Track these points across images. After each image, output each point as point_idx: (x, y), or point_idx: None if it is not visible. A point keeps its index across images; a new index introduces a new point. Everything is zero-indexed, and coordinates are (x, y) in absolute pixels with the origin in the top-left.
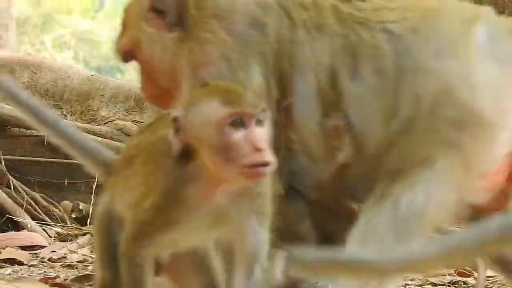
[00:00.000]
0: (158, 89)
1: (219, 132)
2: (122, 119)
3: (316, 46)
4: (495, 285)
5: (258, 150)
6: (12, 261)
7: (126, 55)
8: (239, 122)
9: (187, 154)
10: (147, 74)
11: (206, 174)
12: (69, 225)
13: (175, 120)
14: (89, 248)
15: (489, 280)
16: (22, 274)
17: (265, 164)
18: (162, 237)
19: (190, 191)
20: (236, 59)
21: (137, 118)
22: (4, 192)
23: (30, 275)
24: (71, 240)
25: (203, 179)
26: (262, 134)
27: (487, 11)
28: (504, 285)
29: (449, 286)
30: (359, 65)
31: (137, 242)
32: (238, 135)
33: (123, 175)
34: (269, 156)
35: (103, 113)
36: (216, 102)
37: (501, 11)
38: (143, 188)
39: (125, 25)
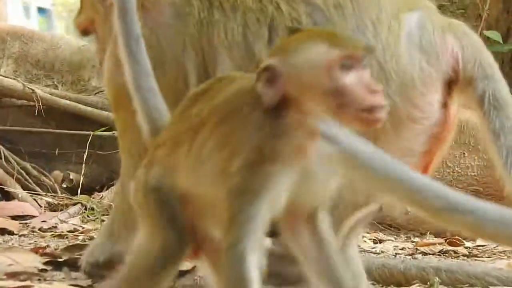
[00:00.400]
0: None
1: (331, 75)
2: None
3: (230, 25)
4: (486, 254)
5: (374, 92)
6: (2, 231)
7: (84, 32)
8: (349, 64)
9: (278, 106)
10: (102, 50)
11: (303, 125)
12: (60, 195)
13: (267, 69)
14: (79, 218)
15: (479, 249)
16: (12, 244)
17: (382, 108)
18: (258, 205)
19: (285, 145)
20: (153, 54)
21: None
22: None
23: (20, 245)
24: (61, 210)
25: (300, 131)
26: (370, 76)
27: (431, 6)
28: (494, 254)
29: (439, 255)
30: (275, 35)
31: (236, 220)
32: (351, 77)
33: (185, 148)
34: (384, 99)
35: (94, 83)
36: (324, 45)
37: None
38: (225, 152)
39: (82, 3)
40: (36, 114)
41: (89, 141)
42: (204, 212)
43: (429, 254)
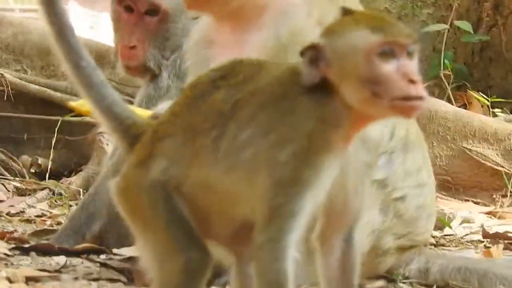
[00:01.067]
0: None
1: (369, 62)
2: None
3: None
4: (453, 243)
5: (412, 82)
6: None
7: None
8: (390, 52)
9: (325, 89)
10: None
11: (346, 111)
12: (28, 179)
13: (313, 48)
14: (47, 202)
15: (447, 238)
16: None
17: (419, 98)
18: (305, 199)
19: (331, 131)
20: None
21: None
22: None
23: None
24: (29, 194)
25: (343, 117)
26: (414, 66)
27: None
28: (461, 243)
29: None
30: None
31: (281, 213)
32: (389, 66)
33: (212, 136)
34: (423, 90)
35: (64, 68)
36: (366, 30)
37: None
38: (271, 138)
39: None
40: (5, 98)
41: (58, 127)
42: (219, 206)
43: None
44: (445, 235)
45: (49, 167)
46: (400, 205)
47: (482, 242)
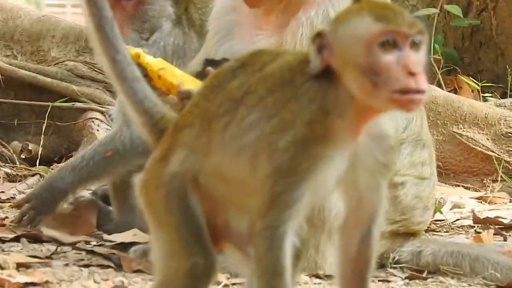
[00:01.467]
0: None
1: (369, 51)
2: (73, 60)
3: None
4: (444, 229)
5: (412, 75)
6: None
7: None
8: (392, 42)
9: (327, 77)
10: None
11: (351, 102)
12: (18, 165)
13: (319, 35)
14: None
15: (437, 223)
16: None
17: (419, 91)
18: (304, 188)
19: (334, 121)
20: None
21: (88, 59)
22: None
23: None
24: (20, 180)
25: (347, 108)
26: (417, 58)
27: None
28: (452, 229)
29: None
30: None
31: (279, 201)
32: (390, 56)
33: (224, 121)
34: (423, 83)
35: (54, 53)
36: (369, 18)
37: None
38: (273, 124)
39: None
40: None
41: (48, 112)
42: (233, 196)
43: None
44: (435, 221)
45: (40, 153)
46: (400, 191)
47: (472, 227)
